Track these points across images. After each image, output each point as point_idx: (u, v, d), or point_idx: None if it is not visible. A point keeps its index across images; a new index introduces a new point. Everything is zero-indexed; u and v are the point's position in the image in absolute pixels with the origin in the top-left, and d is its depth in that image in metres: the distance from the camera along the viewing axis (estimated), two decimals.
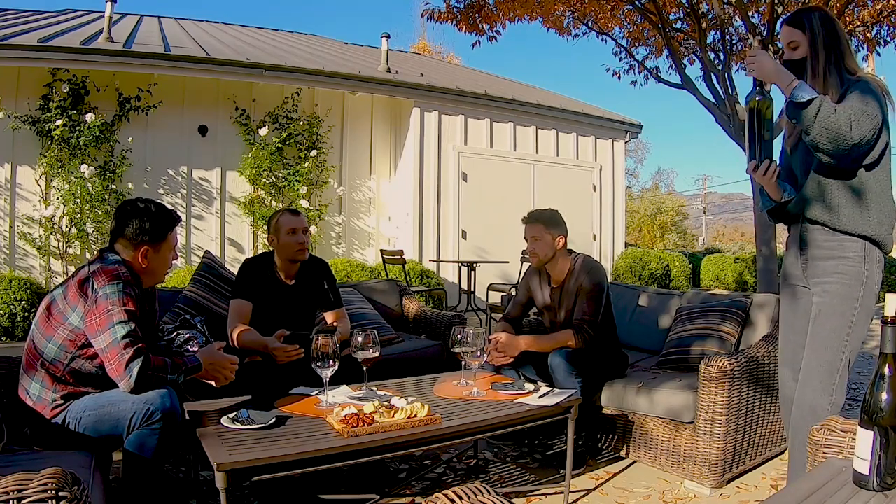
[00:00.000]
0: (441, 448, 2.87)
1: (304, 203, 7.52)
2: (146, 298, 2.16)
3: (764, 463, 2.80)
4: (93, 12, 10.43)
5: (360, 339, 2.24)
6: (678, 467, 2.63)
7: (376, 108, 8.63)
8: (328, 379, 2.15)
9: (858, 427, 1.17)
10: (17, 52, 6.10)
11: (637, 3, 7.12)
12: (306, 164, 7.68)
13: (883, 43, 7.73)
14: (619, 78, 8.83)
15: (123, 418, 1.88)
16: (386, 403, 2.05)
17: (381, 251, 7.24)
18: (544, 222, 2.89)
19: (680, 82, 7.47)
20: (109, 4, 7.10)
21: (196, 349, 2.67)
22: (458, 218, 8.50)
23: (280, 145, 7.52)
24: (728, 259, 12.70)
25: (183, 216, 7.12)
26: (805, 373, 1.99)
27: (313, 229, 7.51)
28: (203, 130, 7.48)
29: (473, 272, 7.23)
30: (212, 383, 2.16)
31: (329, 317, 2.98)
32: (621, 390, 2.81)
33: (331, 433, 1.89)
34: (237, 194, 7.62)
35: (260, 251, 7.34)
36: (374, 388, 2.36)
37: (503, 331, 2.94)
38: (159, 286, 2.51)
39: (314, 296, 2.97)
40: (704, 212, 33.67)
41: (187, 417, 2.01)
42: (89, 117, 6.44)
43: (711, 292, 11.13)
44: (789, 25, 2.01)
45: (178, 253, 2.27)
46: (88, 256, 6.66)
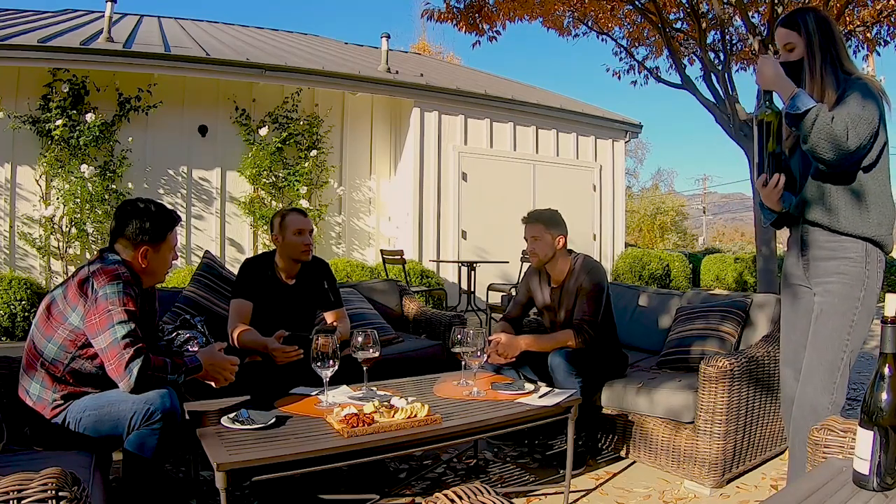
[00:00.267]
0: (441, 448, 2.87)
1: (304, 203, 7.52)
2: (146, 298, 2.16)
3: (764, 463, 2.80)
4: (93, 12, 10.43)
5: (360, 339, 2.24)
6: (678, 467, 2.63)
7: (376, 108, 8.63)
8: (328, 379, 2.15)
9: (858, 427, 1.17)
10: (17, 52, 6.10)
11: (637, 3, 7.11)
12: (306, 164, 7.68)
13: (883, 43, 7.74)
14: (619, 78, 8.85)
15: (123, 418, 1.88)
16: (386, 403, 2.05)
17: (381, 251, 7.24)
18: (544, 222, 2.89)
19: (680, 82, 7.47)
20: (109, 4, 7.10)
21: (196, 349, 2.67)
22: (458, 218, 8.50)
23: (280, 145, 7.52)
24: (728, 259, 12.70)
25: (183, 216, 7.12)
26: (806, 371, 2.00)
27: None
28: (203, 130, 7.48)
29: (473, 272, 7.23)
30: (212, 384, 2.17)
31: (329, 317, 2.99)
32: (621, 390, 2.81)
33: (331, 433, 1.89)
34: (237, 194, 7.62)
35: (260, 251, 7.34)
36: (374, 388, 2.36)
37: (503, 331, 2.94)
38: (159, 286, 2.51)
39: (314, 296, 2.97)
40: (704, 212, 33.66)
41: (187, 417, 2.01)
42: (89, 117, 6.44)
43: (711, 292, 11.13)
44: (785, 27, 2.01)
45: (178, 253, 2.27)
46: (88, 256, 6.66)
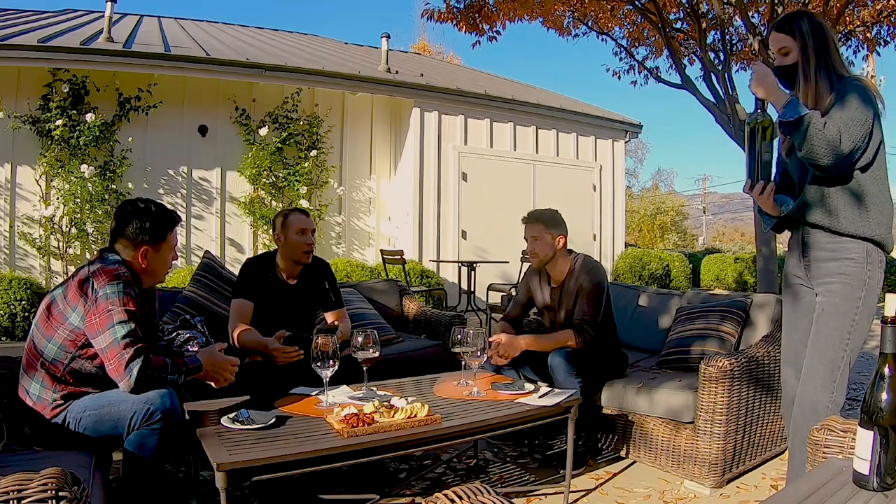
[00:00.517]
0: (441, 448, 2.87)
1: (305, 203, 7.51)
2: (146, 298, 2.16)
3: (764, 463, 2.80)
4: (93, 12, 10.43)
5: (360, 339, 2.24)
6: (678, 467, 2.63)
7: (376, 108, 8.63)
8: (328, 379, 2.15)
9: (858, 427, 1.17)
10: (17, 52, 6.10)
11: (637, 3, 7.11)
12: (306, 164, 7.67)
13: (883, 43, 7.74)
14: (619, 78, 8.85)
15: (123, 418, 1.88)
16: (386, 403, 2.05)
17: (381, 251, 7.24)
18: (544, 222, 2.89)
19: (680, 82, 7.47)
20: (109, 4, 7.10)
21: (196, 349, 2.67)
22: (458, 218, 8.49)
23: (280, 145, 7.51)
24: (728, 259, 12.70)
25: (183, 216, 7.12)
26: (807, 370, 2.01)
27: None
28: (203, 130, 7.48)
29: (473, 272, 7.23)
30: (212, 384, 2.17)
31: (330, 317, 2.99)
32: (621, 390, 2.81)
33: (331, 433, 1.89)
34: (237, 194, 7.61)
35: (260, 251, 7.35)
36: (374, 388, 2.36)
37: (503, 331, 2.94)
38: (159, 286, 2.51)
39: (315, 296, 2.97)
40: (704, 212, 33.65)
41: (187, 417, 2.01)
42: (89, 117, 6.44)
43: (711, 292, 11.13)
44: (779, 32, 2.02)
45: (178, 253, 2.27)
46: (88, 256, 6.66)
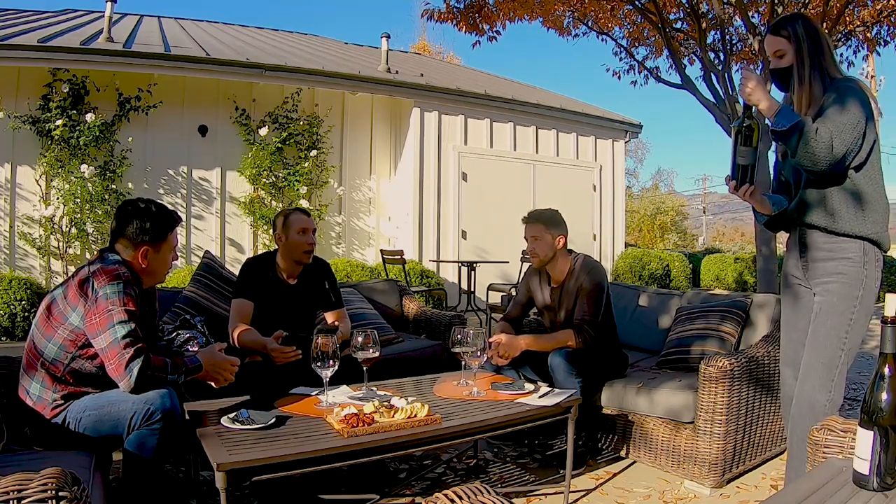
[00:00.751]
0: (441, 448, 2.87)
1: (304, 203, 7.51)
2: (146, 298, 2.16)
3: (764, 463, 2.80)
4: (93, 12, 10.43)
5: (360, 339, 2.24)
6: (678, 467, 2.63)
7: (376, 108, 8.63)
8: (328, 379, 2.15)
9: (858, 427, 1.17)
10: (17, 52, 6.10)
11: (637, 3, 7.12)
12: (306, 164, 7.67)
13: (883, 43, 7.75)
14: (619, 78, 8.86)
15: (123, 418, 1.88)
16: (386, 403, 2.05)
17: (381, 251, 7.24)
18: (544, 222, 2.89)
19: (680, 82, 7.47)
20: (109, 4, 7.10)
21: (196, 349, 2.67)
22: (458, 218, 8.49)
23: (280, 145, 7.51)
24: (728, 259, 12.69)
25: (183, 216, 7.10)
26: (804, 369, 2.02)
27: None
28: (203, 130, 7.48)
29: (473, 272, 7.23)
30: (212, 384, 2.17)
31: (330, 317, 2.98)
32: (621, 390, 2.81)
33: (331, 433, 1.89)
34: (237, 194, 7.61)
35: (260, 251, 7.35)
36: (374, 388, 2.36)
37: (503, 331, 2.94)
38: (159, 286, 2.51)
39: (315, 296, 2.97)
40: (704, 212, 33.64)
41: (187, 417, 2.01)
42: (89, 117, 6.44)
43: (711, 292, 11.13)
44: (774, 35, 2.03)
45: (178, 253, 2.27)
46: (88, 256, 6.66)
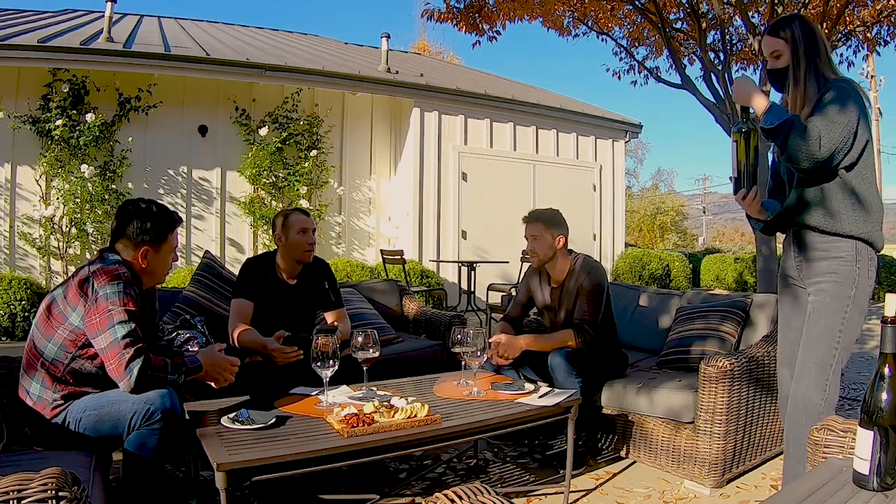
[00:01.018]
0: (441, 448, 2.87)
1: (304, 203, 7.51)
2: (146, 298, 2.16)
3: (764, 463, 2.80)
4: (93, 12, 10.43)
5: (360, 339, 2.24)
6: (678, 467, 2.63)
7: (376, 108, 8.63)
8: (328, 379, 2.15)
9: (858, 427, 1.17)
10: (17, 52, 6.10)
11: (637, 3, 7.11)
12: (306, 164, 7.67)
13: (883, 43, 7.74)
14: (619, 78, 8.85)
15: (123, 418, 1.88)
16: (386, 403, 2.05)
17: (381, 251, 7.24)
18: (545, 222, 2.89)
19: (680, 82, 7.47)
20: (109, 4, 7.10)
21: (196, 349, 2.67)
22: (458, 218, 8.49)
23: (280, 145, 7.51)
24: (728, 259, 12.69)
25: (183, 216, 7.06)
26: (799, 369, 2.03)
27: None
28: (203, 130, 7.48)
29: (473, 272, 7.23)
30: (212, 384, 2.17)
31: (330, 317, 2.98)
32: (621, 390, 2.81)
33: (331, 433, 1.89)
34: (237, 194, 7.61)
35: (260, 251, 7.34)
36: (374, 388, 2.36)
37: (502, 331, 2.94)
38: (159, 286, 2.51)
39: (315, 296, 2.97)
40: (704, 212, 33.64)
41: (187, 417, 2.01)
42: (89, 117, 6.44)
43: (711, 292, 11.13)
44: (771, 35, 2.04)
45: (179, 254, 2.27)
46: (88, 256, 6.66)
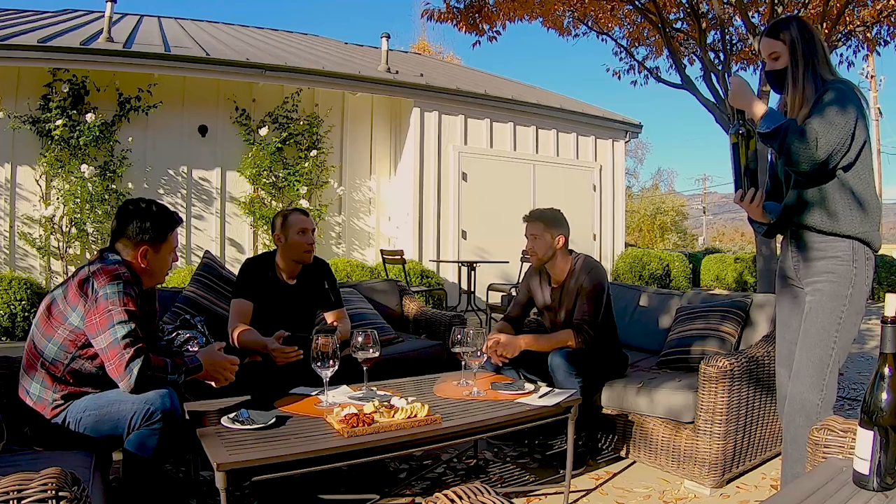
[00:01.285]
0: (441, 448, 2.87)
1: (304, 203, 7.51)
2: (146, 298, 2.16)
3: (764, 463, 2.80)
4: (93, 12, 10.43)
5: (360, 339, 2.24)
6: (678, 467, 2.64)
7: (376, 108, 8.63)
8: (328, 379, 2.15)
9: (858, 427, 1.17)
10: (17, 52, 6.10)
11: (637, 3, 7.12)
12: (306, 164, 7.67)
13: (883, 43, 7.75)
14: (619, 78, 8.87)
15: (123, 418, 1.88)
16: (386, 403, 2.05)
17: (381, 251, 7.24)
18: (545, 221, 2.89)
19: (680, 82, 7.47)
20: (109, 4, 7.10)
21: (196, 349, 2.67)
22: (458, 218, 8.49)
23: (280, 145, 7.51)
24: (728, 259, 12.70)
25: (183, 216, 7.07)
26: (796, 369, 2.03)
27: None
28: (203, 130, 7.48)
29: (473, 272, 7.23)
30: (212, 384, 2.17)
31: (329, 317, 2.98)
32: (621, 390, 2.81)
33: (331, 433, 1.89)
34: (237, 194, 7.61)
35: (260, 251, 7.34)
36: (374, 388, 2.36)
37: (500, 331, 2.94)
38: (159, 286, 2.51)
39: (315, 296, 2.97)
40: (704, 212, 33.65)
41: (187, 417, 2.01)
42: (89, 117, 6.44)
43: (711, 292, 11.13)
44: (769, 37, 2.04)
45: (179, 254, 2.27)
46: (88, 256, 6.66)
